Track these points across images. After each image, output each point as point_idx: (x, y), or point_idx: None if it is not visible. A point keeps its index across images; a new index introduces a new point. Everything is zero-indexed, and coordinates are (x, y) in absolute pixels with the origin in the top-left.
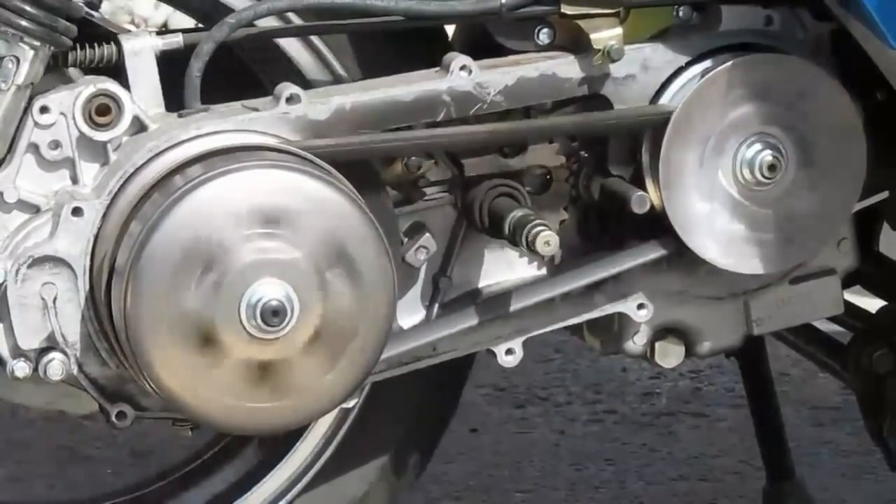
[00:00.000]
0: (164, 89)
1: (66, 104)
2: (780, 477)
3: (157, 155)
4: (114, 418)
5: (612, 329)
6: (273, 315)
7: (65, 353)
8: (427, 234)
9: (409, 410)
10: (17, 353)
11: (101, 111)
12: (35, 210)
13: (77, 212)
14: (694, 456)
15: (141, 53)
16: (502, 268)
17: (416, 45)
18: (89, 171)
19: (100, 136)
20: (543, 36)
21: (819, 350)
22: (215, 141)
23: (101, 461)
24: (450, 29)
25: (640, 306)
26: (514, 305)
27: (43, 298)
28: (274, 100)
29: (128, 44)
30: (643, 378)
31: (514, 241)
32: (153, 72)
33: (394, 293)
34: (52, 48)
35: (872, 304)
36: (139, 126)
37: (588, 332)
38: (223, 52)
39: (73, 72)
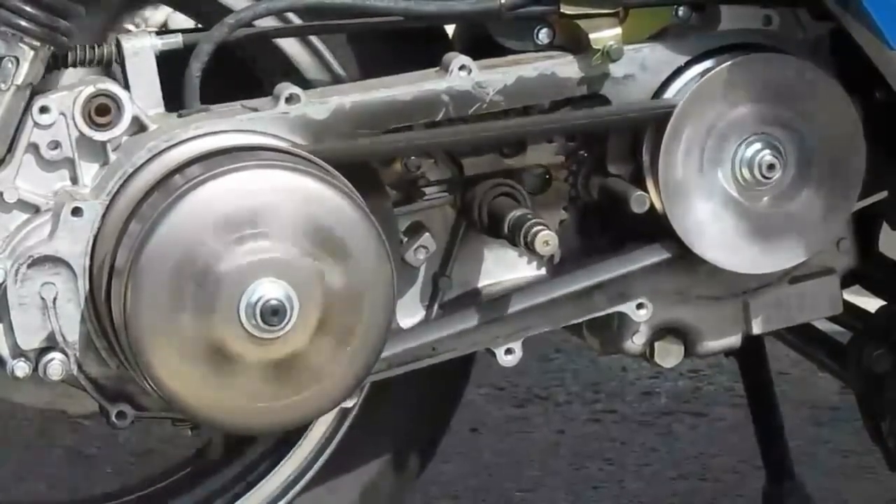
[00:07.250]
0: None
1: (65, 104)
2: (780, 476)
3: (157, 155)
4: (114, 418)
5: (612, 329)
6: (273, 314)
7: (65, 353)
8: (426, 234)
9: (410, 410)
10: (17, 352)
11: (101, 111)
12: (35, 210)
13: (77, 212)
14: (693, 455)
15: (140, 53)
16: (502, 268)
17: (416, 45)
18: (89, 171)
19: (99, 135)
20: (543, 36)
21: (819, 350)
22: (215, 141)
23: (101, 461)
24: (450, 29)
25: (640, 306)
26: (514, 305)
27: (43, 298)
28: (273, 100)
29: (128, 44)
30: (643, 377)
31: (513, 240)
32: (153, 72)
33: (393, 293)
34: (51, 48)
35: (872, 304)
36: (139, 126)
37: (588, 332)
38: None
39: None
